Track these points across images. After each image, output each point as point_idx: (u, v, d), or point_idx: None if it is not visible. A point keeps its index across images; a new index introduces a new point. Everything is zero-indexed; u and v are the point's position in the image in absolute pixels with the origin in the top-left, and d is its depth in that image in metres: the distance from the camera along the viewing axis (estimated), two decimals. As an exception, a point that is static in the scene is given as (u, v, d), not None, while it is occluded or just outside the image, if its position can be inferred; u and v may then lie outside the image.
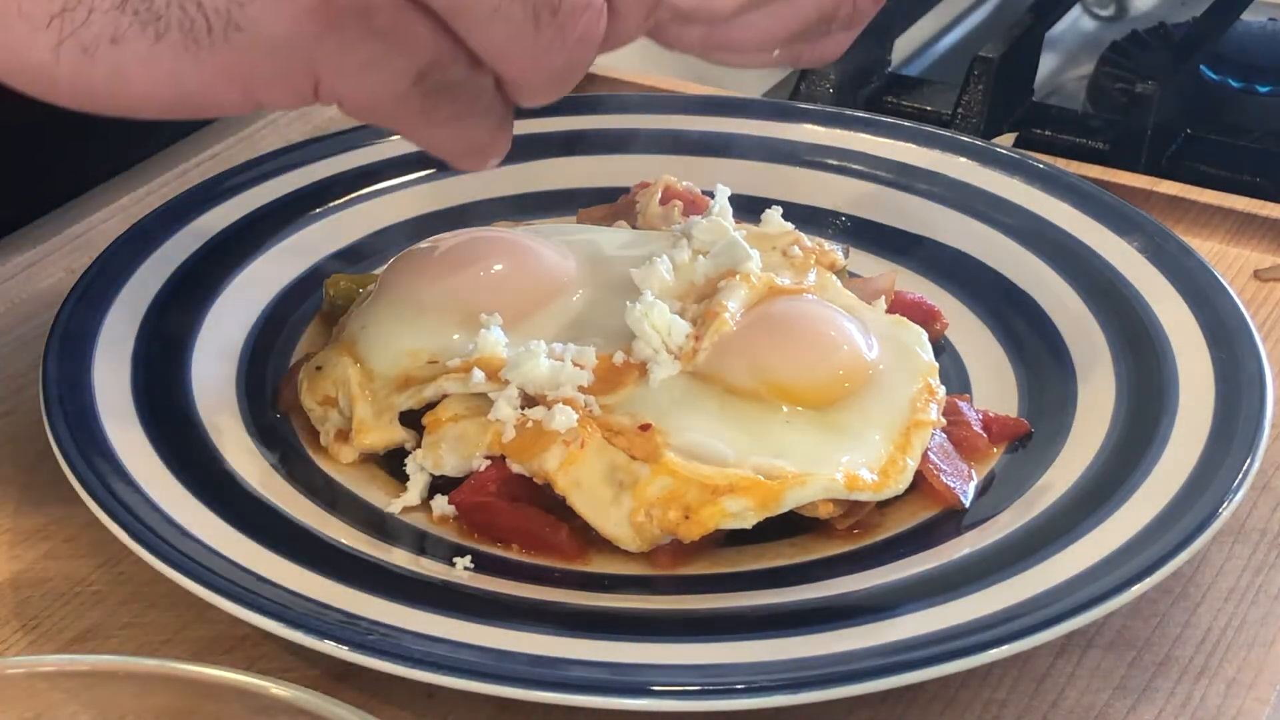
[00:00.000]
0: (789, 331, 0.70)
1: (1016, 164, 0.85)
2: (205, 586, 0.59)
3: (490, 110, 0.57)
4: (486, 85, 0.56)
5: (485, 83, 0.56)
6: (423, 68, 0.54)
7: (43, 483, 0.70)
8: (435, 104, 0.55)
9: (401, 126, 0.57)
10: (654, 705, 0.56)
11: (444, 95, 0.55)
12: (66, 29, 0.52)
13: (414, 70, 0.54)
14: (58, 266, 0.84)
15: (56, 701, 0.48)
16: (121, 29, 0.52)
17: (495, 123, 0.58)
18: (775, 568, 0.65)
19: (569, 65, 0.56)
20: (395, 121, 0.57)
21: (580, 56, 0.56)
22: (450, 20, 0.54)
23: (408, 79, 0.54)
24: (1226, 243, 0.89)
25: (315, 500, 0.67)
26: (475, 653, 0.57)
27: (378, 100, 0.55)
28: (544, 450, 0.65)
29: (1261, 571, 0.67)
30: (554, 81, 0.57)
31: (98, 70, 0.53)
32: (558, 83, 0.57)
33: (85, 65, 0.53)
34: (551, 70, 0.56)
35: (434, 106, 0.55)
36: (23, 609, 0.65)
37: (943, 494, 0.67)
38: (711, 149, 0.88)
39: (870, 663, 0.57)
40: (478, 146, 0.59)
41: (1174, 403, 0.69)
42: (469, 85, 0.55)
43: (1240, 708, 0.61)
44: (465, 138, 0.58)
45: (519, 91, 0.57)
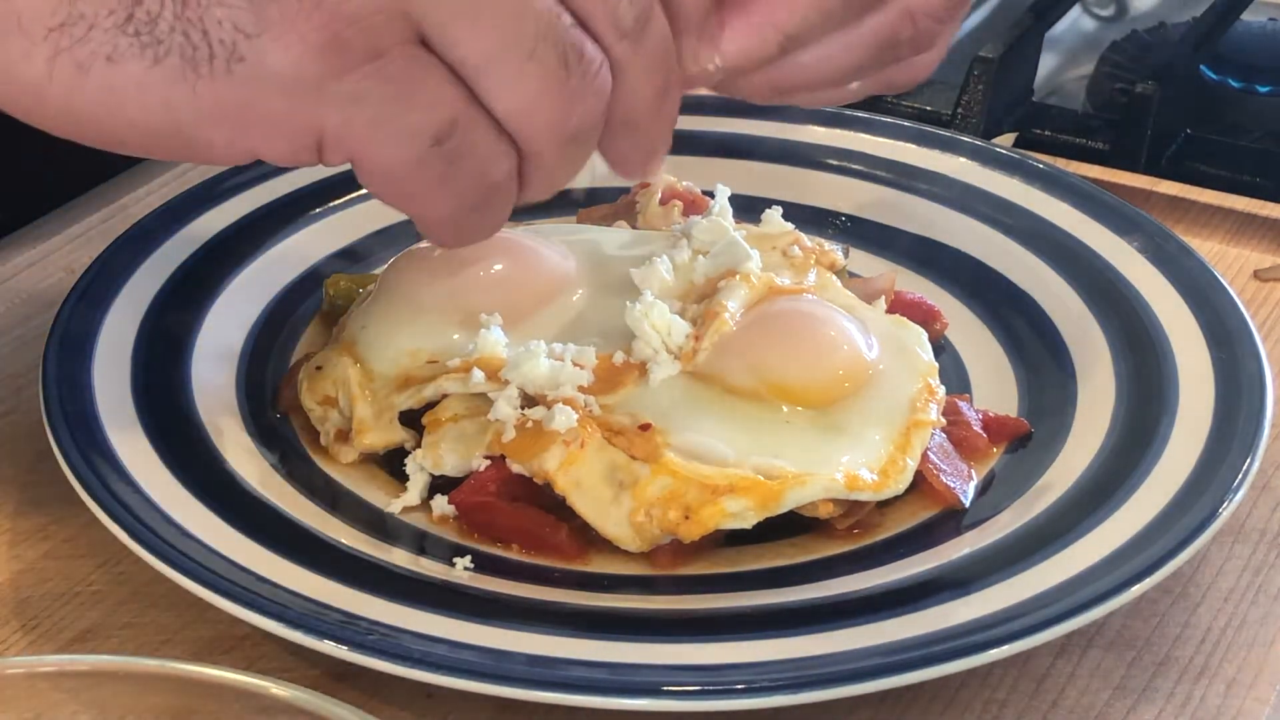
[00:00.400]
0: (789, 331, 0.70)
1: (1016, 164, 0.85)
2: (205, 586, 0.59)
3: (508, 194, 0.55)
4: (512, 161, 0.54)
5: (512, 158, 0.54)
6: (442, 127, 0.52)
7: (43, 483, 0.70)
8: (458, 176, 0.53)
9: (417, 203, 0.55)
10: (654, 705, 0.56)
11: (468, 165, 0.53)
12: (64, 43, 0.51)
13: (433, 128, 0.52)
14: (58, 266, 0.85)
15: (56, 701, 0.48)
16: (120, 48, 0.51)
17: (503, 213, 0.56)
18: (775, 568, 0.65)
19: (588, 129, 0.55)
20: (413, 194, 0.54)
21: (596, 119, 0.55)
22: (477, 76, 0.52)
23: (425, 141, 0.52)
24: (1226, 243, 0.89)
25: (315, 500, 0.67)
26: (475, 653, 0.57)
27: (395, 162, 0.53)
28: (544, 450, 0.65)
29: (1261, 571, 0.67)
30: (570, 148, 0.55)
31: (90, 89, 0.52)
32: (572, 149, 0.55)
33: (78, 82, 0.51)
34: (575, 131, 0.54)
35: (457, 179, 0.53)
36: (23, 609, 0.65)
37: (943, 494, 0.67)
38: (711, 149, 0.88)
39: (870, 663, 0.57)
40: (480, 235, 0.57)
41: (1174, 403, 0.69)
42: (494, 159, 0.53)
43: (1240, 708, 0.61)
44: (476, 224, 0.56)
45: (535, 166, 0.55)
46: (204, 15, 0.51)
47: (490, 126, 0.53)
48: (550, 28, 0.52)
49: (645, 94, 0.56)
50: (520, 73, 0.52)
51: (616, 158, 0.58)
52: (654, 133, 0.58)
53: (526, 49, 0.52)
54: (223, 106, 0.51)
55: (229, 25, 0.51)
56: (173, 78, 0.51)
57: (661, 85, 0.57)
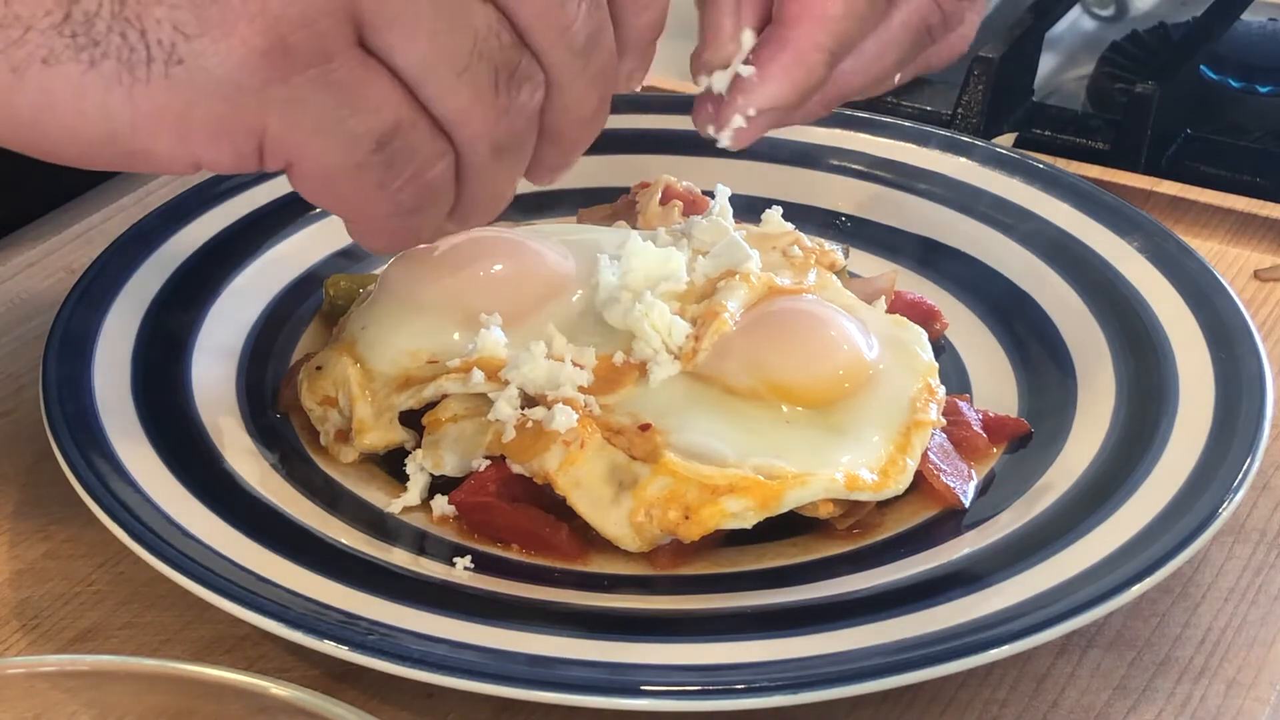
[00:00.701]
0: (789, 331, 0.70)
1: (1016, 164, 0.85)
2: (205, 586, 0.59)
3: (443, 202, 0.55)
4: (449, 165, 0.54)
5: (448, 161, 0.54)
6: (385, 132, 0.51)
7: (43, 483, 0.70)
8: (395, 178, 0.53)
9: (351, 206, 0.54)
10: (654, 705, 0.56)
11: (407, 169, 0.53)
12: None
13: (376, 134, 0.51)
14: (58, 266, 0.85)
15: (56, 701, 0.48)
16: (56, 50, 0.49)
17: (440, 214, 0.56)
18: (775, 568, 0.65)
19: (518, 142, 0.55)
20: (349, 198, 0.53)
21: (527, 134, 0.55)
22: (417, 83, 0.52)
23: (369, 143, 0.51)
24: (1226, 243, 0.89)
25: (315, 500, 0.67)
26: (475, 653, 0.57)
27: (335, 166, 0.51)
28: (544, 450, 0.65)
29: (1261, 571, 0.67)
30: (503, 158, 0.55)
31: (25, 93, 0.49)
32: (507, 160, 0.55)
33: (13, 87, 0.49)
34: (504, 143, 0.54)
35: (395, 183, 0.53)
36: (23, 609, 0.65)
37: (943, 494, 0.67)
38: (711, 149, 0.88)
39: (870, 663, 0.57)
40: (413, 240, 0.57)
41: (1174, 403, 0.69)
42: (431, 160, 0.53)
43: (1240, 708, 0.61)
44: (406, 230, 0.55)
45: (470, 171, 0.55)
46: (143, 15, 0.49)
47: (429, 128, 0.53)
48: (485, 46, 0.52)
49: (582, 111, 0.56)
50: (452, 86, 0.52)
51: (535, 164, 0.58)
52: (579, 145, 0.58)
53: (459, 65, 0.51)
54: (161, 112, 0.50)
55: (168, 26, 0.49)
56: (109, 82, 0.49)
57: (598, 104, 0.57)
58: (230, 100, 0.49)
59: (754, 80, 0.65)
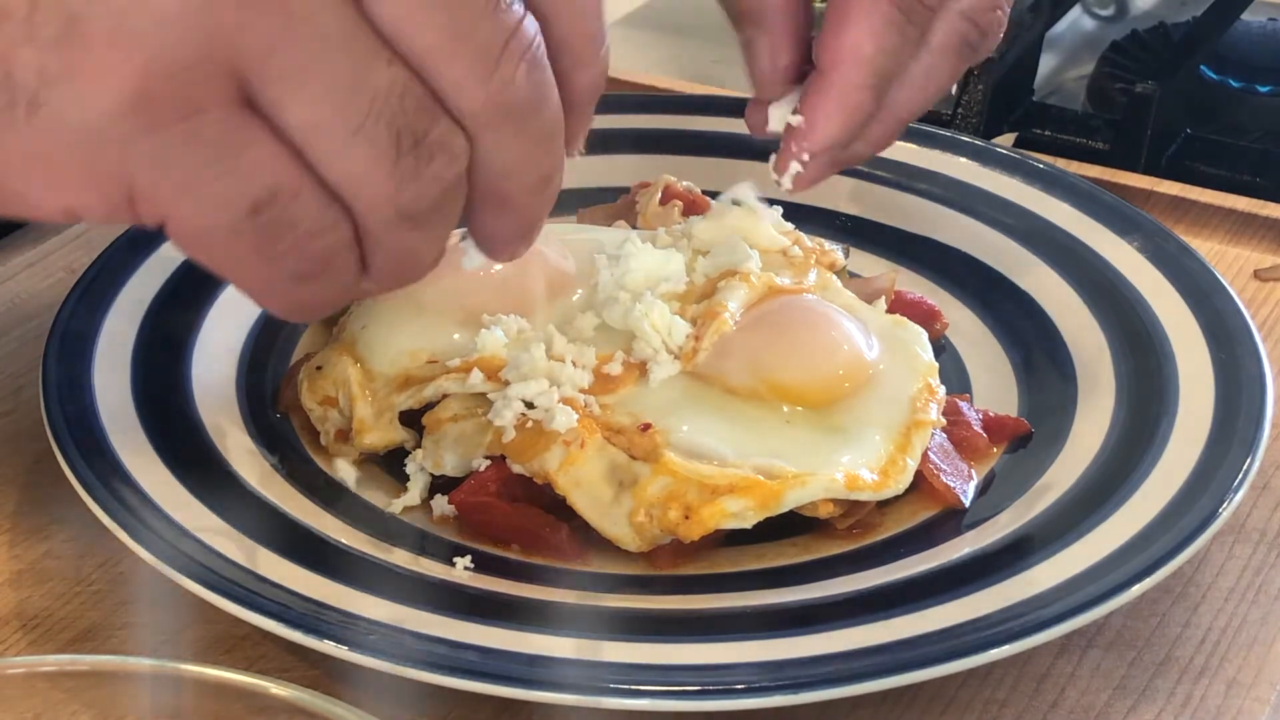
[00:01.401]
0: (789, 331, 0.70)
1: (1016, 164, 0.85)
2: (205, 586, 0.59)
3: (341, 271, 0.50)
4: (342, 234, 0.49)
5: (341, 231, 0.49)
6: (261, 195, 0.47)
7: (43, 483, 0.70)
8: (277, 247, 0.48)
9: (233, 271, 0.49)
10: (654, 705, 0.56)
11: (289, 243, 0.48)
12: None
13: (250, 196, 0.47)
14: (58, 266, 0.85)
15: (56, 701, 0.48)
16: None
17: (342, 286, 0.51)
18: (775, 568, 0.65)
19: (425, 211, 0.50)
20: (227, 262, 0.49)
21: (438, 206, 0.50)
22: (305, 145, 0.47)
23: (242, 207, 0.47)
24: (1226, 243, 0.89)
25: (315, 500, 0.67)
26: (475, 653, 0.57)
27: (206, 228, 0.48)
28: (544, 450, 0.65)
29: (1261, 571, 0.67)
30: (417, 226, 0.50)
31: None
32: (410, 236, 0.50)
33: None
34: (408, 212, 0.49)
35: (277, 254, 0.48)
36: (23, 609, 0.65)
37: (943, 494, 0.67)
38: (711, 149, 0.88)
39: (870, 662, 0.57)
40: (318, 308, 0.52)
41: (1174, 403, 0.69)
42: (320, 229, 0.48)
43: (1240, 708, 0.61)
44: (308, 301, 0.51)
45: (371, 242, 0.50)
46: (11, 55, 0.46)
47: (318, 195, 0.48)
48: (386, 104, 0.47)
49: (526, 178, 0.52)
50: (345, 147, 0.47)
51: (481, 235, 0.54)
52: (532, 212, 0.53)
53: (353, 124, 0.47)
54: (29, 157, 0.47)
55: (34, 68, 0.46)
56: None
57: (548, 169, 0.52)
58: (93, 150, 0.47)
59: (804, 127, 0.68)
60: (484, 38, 0.48)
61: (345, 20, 0.47)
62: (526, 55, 0.49)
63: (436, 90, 0.49)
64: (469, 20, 0.48)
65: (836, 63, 0.67)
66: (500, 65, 0.49)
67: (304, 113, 0.47)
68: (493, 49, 0.48)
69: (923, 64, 0.68)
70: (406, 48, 0.48)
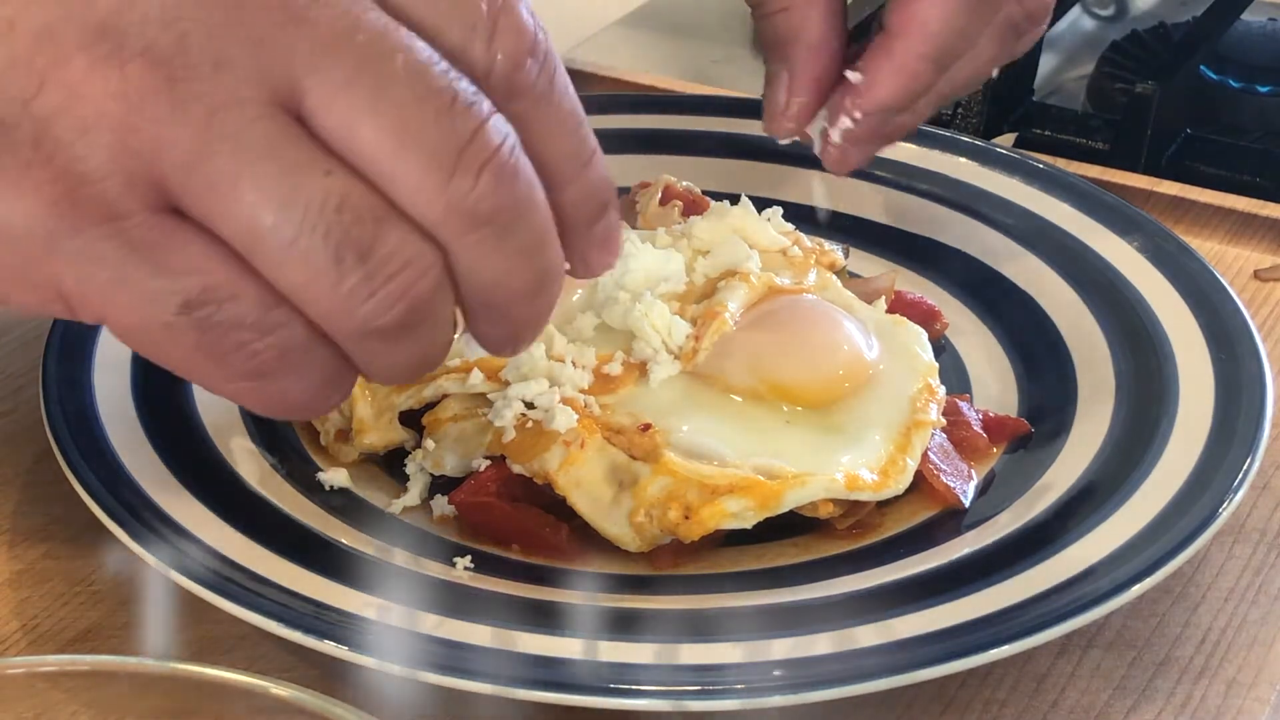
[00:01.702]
0: (789, 331, 0.70)
1: (1016, 164, 0.86)
2: (205, 586, 0.59)
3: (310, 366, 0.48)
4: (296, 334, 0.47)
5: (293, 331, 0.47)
6: (191, 296, 0.45)
7: (43, 483, 0.70)
8: (223, 349, 0.47)
9: (190, 372, 0.48)
10: (654, 705, 0.56)
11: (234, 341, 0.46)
12: None
13: (178, 297, 0.45)
14: (58, 266, 0.84)
15: (56, 701, 0.48)
16: None
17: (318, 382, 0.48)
18: (775, 568, 0.65)
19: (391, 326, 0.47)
20: (177, 362, 0.47)
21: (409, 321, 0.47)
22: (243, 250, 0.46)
23: (170, 307, 0.46)
24: (1226, 243, 0.89)
25: (315, 500, 0.67)
26: (475, 653, 0.57)
27: (140, 327, 0.46)
28: (544, 450, 0.65)
29: (1261, 571, 0.67)
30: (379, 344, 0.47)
31: None
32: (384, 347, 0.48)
33: None
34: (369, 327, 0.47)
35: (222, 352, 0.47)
36: (23, 609, 0.65)
37: (943, 494, 0.67)
38: (711, 149, 0.88)
39: (870, 662, 0.57)
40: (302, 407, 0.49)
41: (1174, 403, 0.69)
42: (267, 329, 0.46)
43: (1240, 708, 0.61)
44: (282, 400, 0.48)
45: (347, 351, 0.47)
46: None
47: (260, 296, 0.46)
48: (321, 218, 0.45)
49: (510, 287, 0.49)
50: (280, 262, 0.45)
51: (478, 335, 0.51)
52: (524, 318, 0.50)
53: (285, 239, 0.45)
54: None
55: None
56: None
57: (536, 277, 0.49)
58: (20, 251, 0.46)
59: (862, 85, 0.69)
60: (437, 141, 0.46)
61: (276, 130, 0.45)
62: (492, 161, 0.46)
63: (395, 200, 0.46)
64: (419, 122, 0.46)
65: (905, 29, 0.68)
66: (458, 171, 0.46)
67: (233, 225, 0.45)
68: (447, 153, 0.46)
69: (973, 50, 0.70)
70: (354, 154, 0.46)
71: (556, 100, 0.49)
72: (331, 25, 0.46)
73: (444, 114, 0.46)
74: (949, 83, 0.70)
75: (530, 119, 0.48)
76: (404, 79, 0.46)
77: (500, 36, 0.48)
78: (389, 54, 0.46)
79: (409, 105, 0.46)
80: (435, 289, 0.47)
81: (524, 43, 0.48)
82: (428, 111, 0.46)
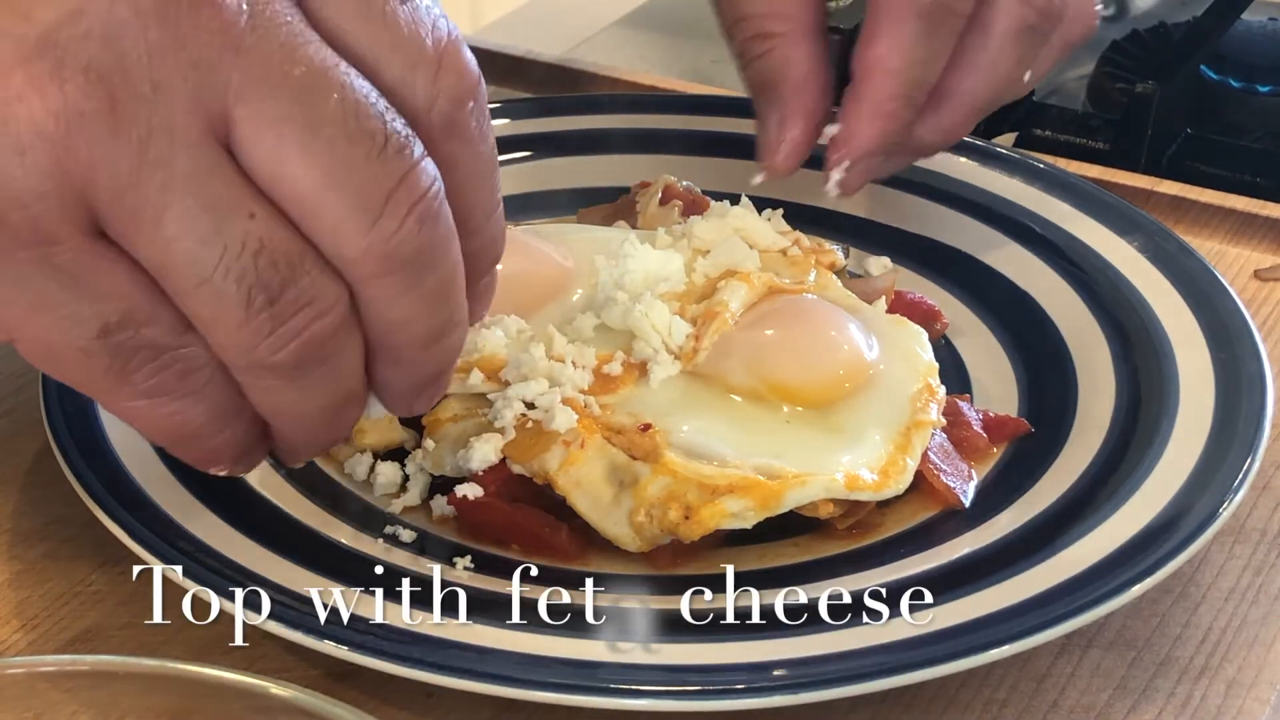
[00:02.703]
0: (789, 331, 0.70)
1: (1016, 164, 0.86)
2: (205, 586, 0.59)
3: (205, 392, 0.48)
4: (199, 358, 0.48)
5: (197, 354, 0.48)
6: (111, 322, 0.46)
7: (43, 483, 0.70)
8: (130, 369, 0.47)
9: (88, 390, 0.48)
10: (654, 705, 0.56)
11: (142, 360, 0.47)
12: None
13: (99, 322, 0.46)
14: (58, 266, 0.84)
15: (56, 701, 0.48)
16: None
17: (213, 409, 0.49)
18: (775, 568, 0.65)
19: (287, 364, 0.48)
20: (79, 382, 0.48)
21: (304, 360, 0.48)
22: (158, 278, 0.46)
23: (90, 331, 0.46)
24: (1226, 243, 0.89)
25: (315, 500, 0.67)
26: (475, 653, 0.57)
27: (54, 350, 0.47)
28: (544, 450, 0.65)
29: (1261, 571, 0.67)
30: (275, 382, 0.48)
31: None
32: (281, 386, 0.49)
33: None
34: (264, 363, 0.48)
35: (128, 372, 0.47)
36: (23, 609, 0.65)
37: (943, 494, 0.67)
38: (711, 149, 0.88)
39: (870, 662, 0.57)
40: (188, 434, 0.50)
41: (1174, 403, 0.69)
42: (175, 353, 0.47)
43: (1240, 708, 0.61)
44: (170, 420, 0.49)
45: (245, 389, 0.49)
46: None
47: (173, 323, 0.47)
48: (238, 261, 0.46)
49: (412, 333, 0.50)
50: (192, 295, 0.46)
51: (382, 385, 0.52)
52: (424, 370, 0.52)
53: (200, 275, 0.46)
54: None
55: None
56: None
57: (440, 325, 0.50)
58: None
59: (841, 135, 0.70)
60: (365, 183, 0.46)
61: (203, 166, 0.45)
62: (419, 205, 0.47)
63: (312, 237, 0.47)
64: (348, 163, 0.46)
65: (868, 74, 0.69)
66: (385, 214, 0.46)
67: (152, 254, 0.46)
68: (375, 196, 0.46)
69: (988, 52, 0.70)
70: (278, 190, 0.46)
71: (485, 146, 0.50)
72: (268, 57, 0.45)
73: (375, 157, 0.46)
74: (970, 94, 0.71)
75: (458, 162, 0.49)
76: (338, 118, 0.46)
77: (444, 75, 0.48)
78: (325, 91, 0.46)
79: (339, 146, 0.46)
80: (336, 330, 0.48)
81: (466, 84, 0.48)
82: (358, 153, 0.46)
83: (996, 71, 0.71)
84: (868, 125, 0.69)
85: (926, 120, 0.71)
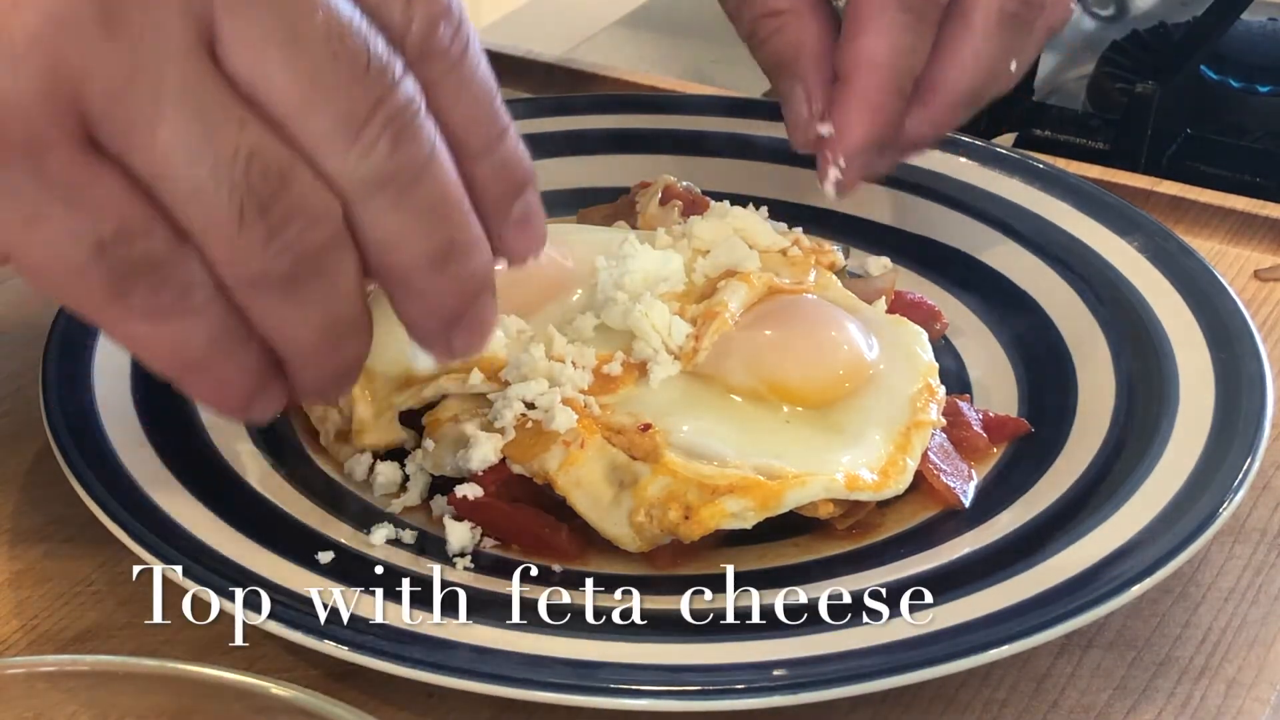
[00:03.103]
0: (789, 331, 0.70)
1: (1016, 164, 0.86)
2: (205, 586, 0.59)
3: (205, 310, 0.48)
4: (196, 274, 0.47)
5: (194, 269, 0.47)
6: (107, 235, 0.46)
7: (43, 483, 0.70)
8: (127, 286, 0.47)
9: (87, 310, 0.48)
10: (654, 705, 0.56)
11: (139, 277, 0.46)
12: None
13: (94, 236, 0.46)
14: (58, 266, 0.84)
15: (56, 701, 0.48)
16: None
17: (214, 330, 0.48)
18: (775, 568, 0.65)
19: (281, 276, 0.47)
20: (77, 301, 0.47)
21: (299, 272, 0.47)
22: (152, 189, 0.46)
23: (87, 246, 0.46)
24: (1226, 243, 0.89)
25: (315, 500, 0.67)
26: (475, 653, 0.57)
27: (51, 267, 0.47)
28: (544, 450, 0.65)
29: (1261, 571, 0.67)
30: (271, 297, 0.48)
31: None
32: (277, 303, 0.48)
33: None
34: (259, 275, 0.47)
35: (125, 289, 0.47)
36: (23, 609, 0.65)
37: (943, 494, 0.67)
38: (711, 149, 0.88)
39: (870, 662, 0.57)
40: (191, 358, 0.49)
41: (1174, 403, 0.69)
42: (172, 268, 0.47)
43: (1240, 708, 0.61)
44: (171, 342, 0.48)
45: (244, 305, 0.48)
46: None
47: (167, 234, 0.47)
48: (230, 170, 0.46)
49: (412, 252, 0.49)
50: (185, 204, 0.46)
51: (409, 325, 0.52)
52: (440, 299, 0.51)
53: (192, 185, 0.46)
54: None
55: None
56: None
57: (437, 246, 0.49)
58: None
59: (834, 135, 0.69)
60: (347, 100, 0.46)
61: (194, 74, 0.45)
62: (394, 122, 0.47)
63: (300, 149, 0.47)
64: (332, 82, 0.46)
65: (854, 70, 0.68)
66: (364, 131, 0.47)
67: (145, 162, 0.46)
68: (355, 113, 0.47)
69: (972, 42, 0.69)
70: (264, 101, 0.46)
71: (468, 69, 0.50)
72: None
73: (358, 74, 0.47)
74: (954, 86, 0.70)
75: (441, 85, 0.49)
76: (322, 35, 0.46)
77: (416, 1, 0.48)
78: (310, 8, 0.46)
79: (323, 62, 0.46)
80: (329, 240, 0.48)
81: (438, 7, 0.49)
82: (341, 70, 0.46)
83: (981, 61, 0.70)
84: (859, 120, 0.69)
85: (915, 113, 0.71)
